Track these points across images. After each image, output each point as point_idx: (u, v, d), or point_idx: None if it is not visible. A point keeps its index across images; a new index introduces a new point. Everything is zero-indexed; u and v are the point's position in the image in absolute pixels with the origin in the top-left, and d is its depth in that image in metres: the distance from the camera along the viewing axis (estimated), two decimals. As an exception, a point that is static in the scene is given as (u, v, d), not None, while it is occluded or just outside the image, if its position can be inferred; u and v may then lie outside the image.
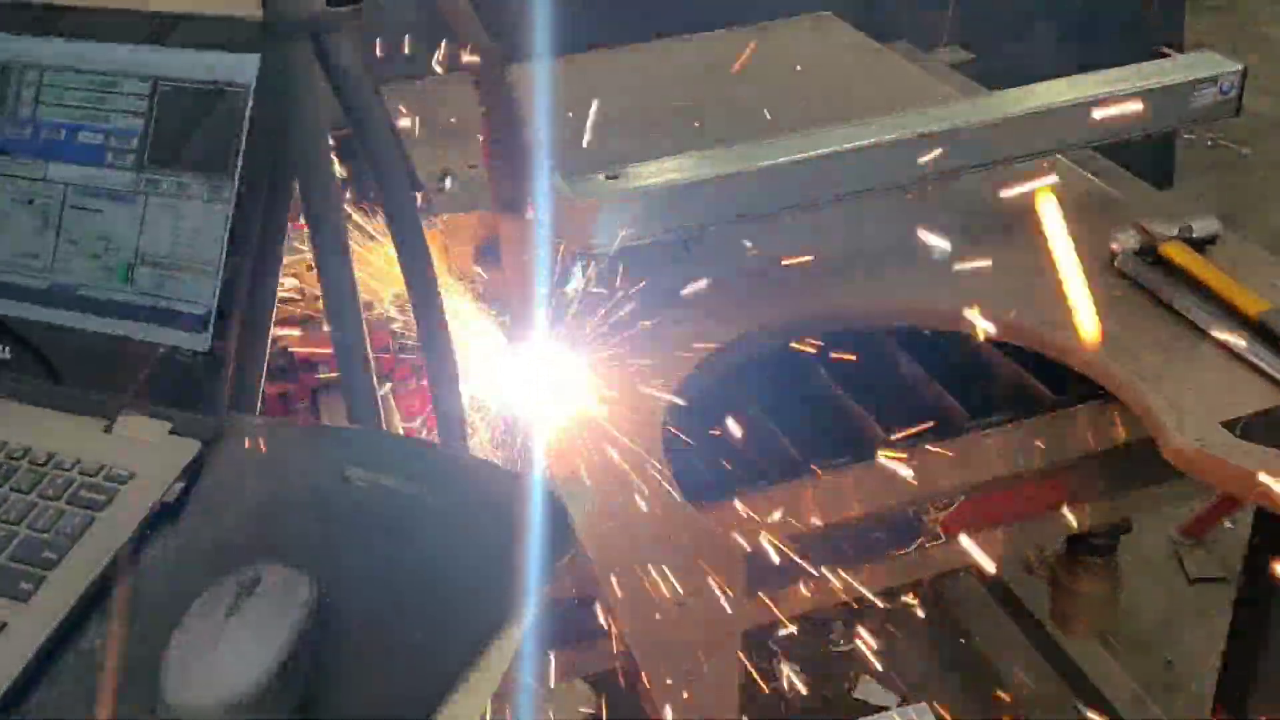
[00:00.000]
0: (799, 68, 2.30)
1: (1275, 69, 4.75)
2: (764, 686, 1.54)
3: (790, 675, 2.81)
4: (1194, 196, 3.80)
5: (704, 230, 1.52)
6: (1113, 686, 2.43)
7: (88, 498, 0.92)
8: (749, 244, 1.60)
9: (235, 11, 0.97)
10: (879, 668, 2.74)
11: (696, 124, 1.97)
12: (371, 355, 1.00)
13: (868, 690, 2.83)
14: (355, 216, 1.34)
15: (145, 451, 0.96)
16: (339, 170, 1.91)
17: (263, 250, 0.99)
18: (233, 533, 0.89)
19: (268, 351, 1.01)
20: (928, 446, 1.39)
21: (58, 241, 1.04)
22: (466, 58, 1.22)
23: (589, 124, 1.71)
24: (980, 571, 1.55)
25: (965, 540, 1.48)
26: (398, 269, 1.09)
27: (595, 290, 1.47)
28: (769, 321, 1.54)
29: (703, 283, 1.51)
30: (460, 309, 1.42)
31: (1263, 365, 1.38)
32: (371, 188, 1.09)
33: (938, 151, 1.55)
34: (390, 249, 1.11)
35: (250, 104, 0.98)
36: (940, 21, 2.69)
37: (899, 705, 2.72)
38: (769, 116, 2.09)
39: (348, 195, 1.89)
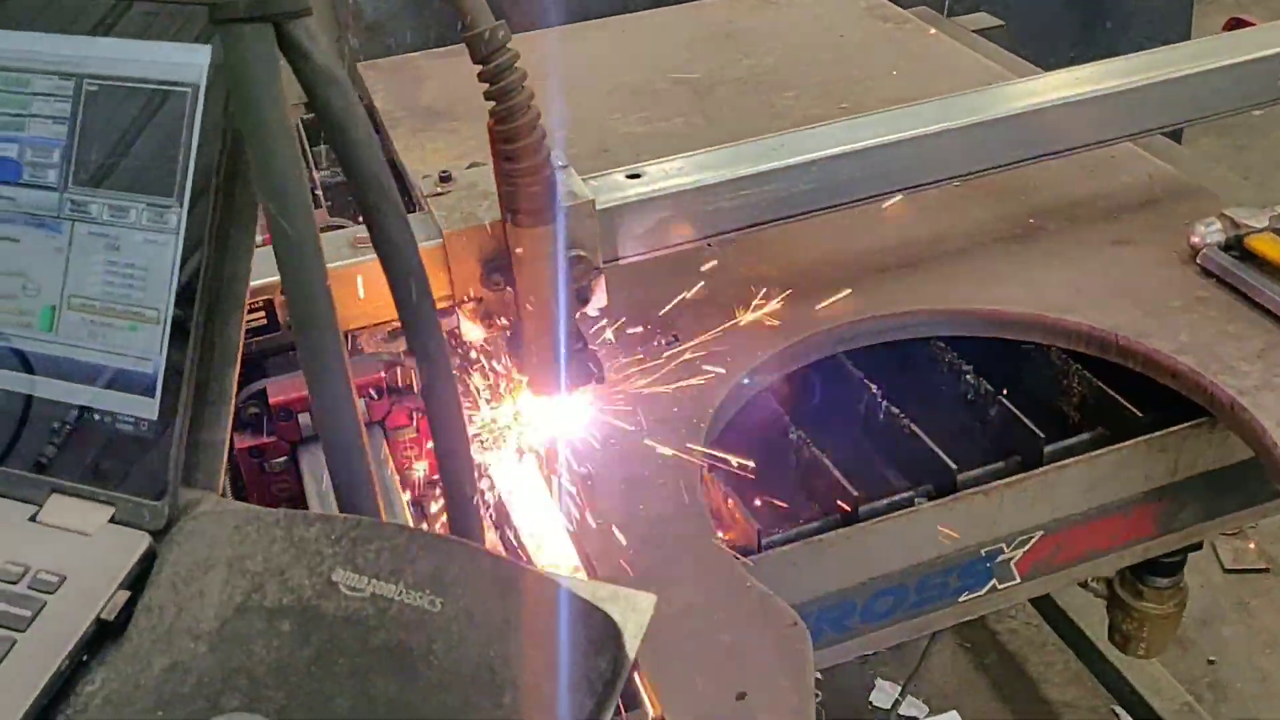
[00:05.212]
0: (814, 36, 2.11)
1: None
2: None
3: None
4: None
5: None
6: (1161, 695, 2.26)
7: (4, 614, 0.73)
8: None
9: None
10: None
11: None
12: (363, 420, 0.81)
13: (886, 697, 2.67)
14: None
15: (80, 547, 0.77)
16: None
17: (221, 288, 0.80)
18: (190, 662, 0.70)
19: (232, 416, 0.81)
20: (1003, 481, 1.21)
21: (-33, 278, 0.84)
22: (467, 37, 1.02)
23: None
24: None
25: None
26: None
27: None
28: (811, 333, 1.35)
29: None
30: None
31: (1387, 378, 1.20)
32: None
33: (1007, 139, 1.35)
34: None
35: (200, 108, 0.79)
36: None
37: (927, 716, 2.57)
38: (787, 92, 1.91)
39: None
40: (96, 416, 0.80)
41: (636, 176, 1.29)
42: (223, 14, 0.70)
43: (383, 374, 1.13)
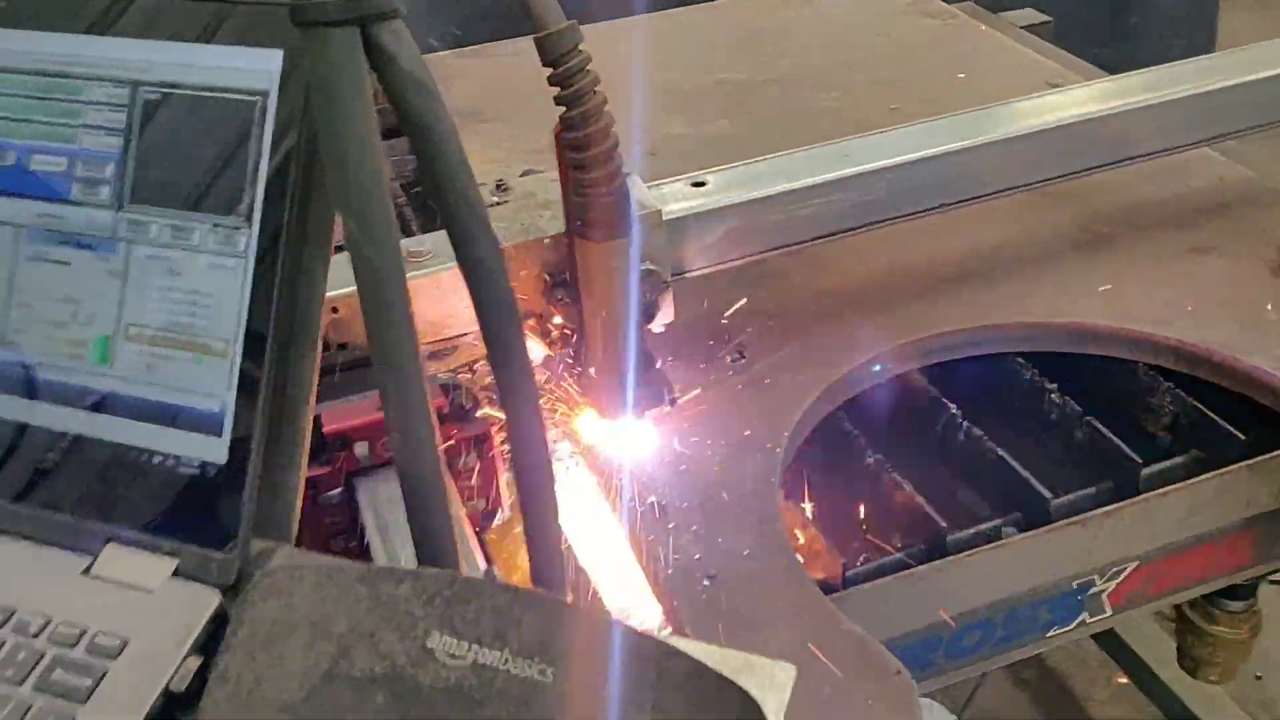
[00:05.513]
0: (855, 34, 2.04)
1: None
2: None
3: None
4: None
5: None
6: (1217, 716, 2.19)
7: (62, 684, 0.66)
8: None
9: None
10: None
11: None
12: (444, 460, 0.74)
13: (925, 714, 2.60)
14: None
15: (142, 605, 0.69)
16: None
17: (296, 316, 0.72)
18: (273, 740, 0.62)
19: (306, 457, 0.74)
20: (1101, 510, 1.13)
21: (7, 304, 0.76)
22: (537, 38, 0.94)
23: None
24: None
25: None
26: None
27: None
28: (884, 349, 1.28)
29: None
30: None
31: None
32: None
33: (1090, 144, 1.29)
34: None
35: (271, 119, 0.71)
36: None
37: (965, 734, 2.50)
38: (832, 92, 1.84)
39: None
40: (156, 459, 0.72)
41: (701, 185, 1.22)
42: (307, 16, 0.63)
43: (442, 399, 1.05)
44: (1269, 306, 1.28)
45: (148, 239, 0.73)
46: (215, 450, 0.71)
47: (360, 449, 1.01)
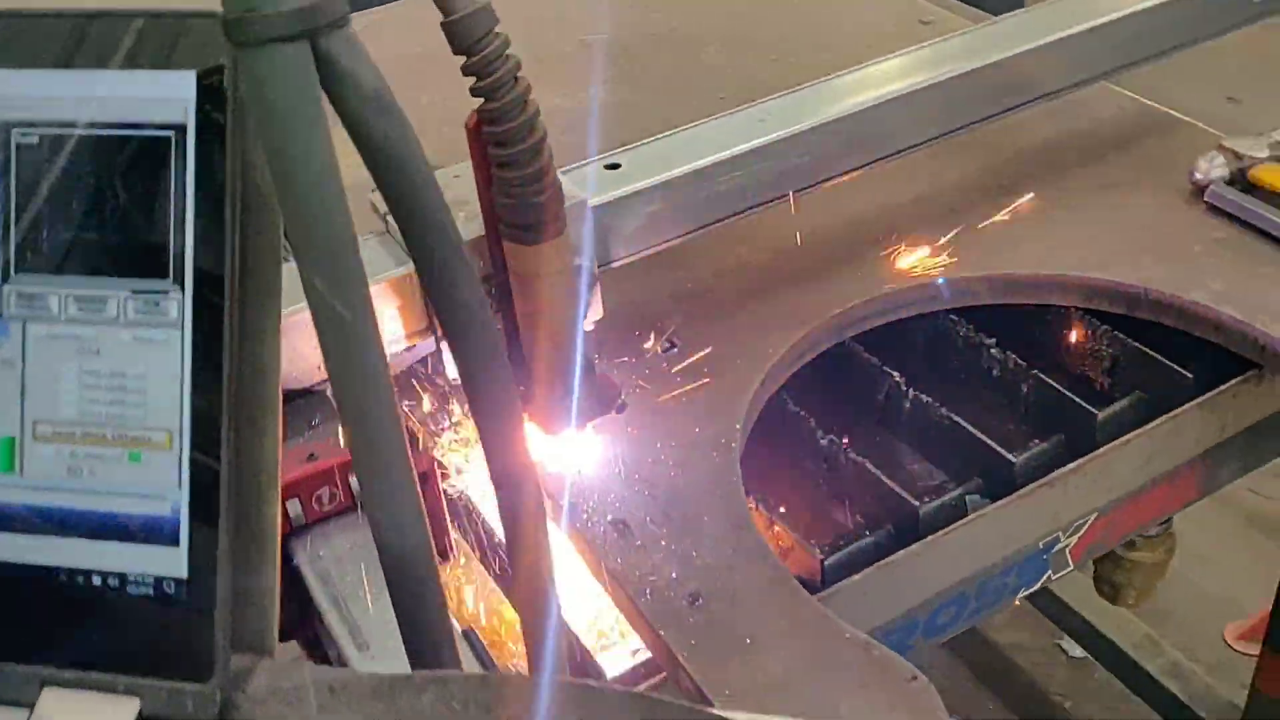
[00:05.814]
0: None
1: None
2: None
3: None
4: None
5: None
6: (1120, 631, 2.25)
7: None
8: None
9: (153, 4, 0.57)
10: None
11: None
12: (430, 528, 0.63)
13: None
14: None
15: (103, 760, 0.57)
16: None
17: (250, 386, 0.60)
18: None
19: (279, 551, 0.62)
20: (1067, 467, 1.10)
21: (-126, 405, 0.62)
22: (445, 24, 0.83)
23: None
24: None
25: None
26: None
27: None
28: (817, 322, 1.21)
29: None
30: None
31: None
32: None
33: (997, 87, 1.24)
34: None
35: (191, 157, 0.59)
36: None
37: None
38: (709, 47, 1.76)
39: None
40: (96, 580, 0.60)
41: (615, 167, 1.13)
42: (250, 33, 0.51)
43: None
44: (1189, 238, 1.27)
45: (47, 315, 0.60)
46: (172, 562, 0.59)
47: (292, 507, 0.89)
